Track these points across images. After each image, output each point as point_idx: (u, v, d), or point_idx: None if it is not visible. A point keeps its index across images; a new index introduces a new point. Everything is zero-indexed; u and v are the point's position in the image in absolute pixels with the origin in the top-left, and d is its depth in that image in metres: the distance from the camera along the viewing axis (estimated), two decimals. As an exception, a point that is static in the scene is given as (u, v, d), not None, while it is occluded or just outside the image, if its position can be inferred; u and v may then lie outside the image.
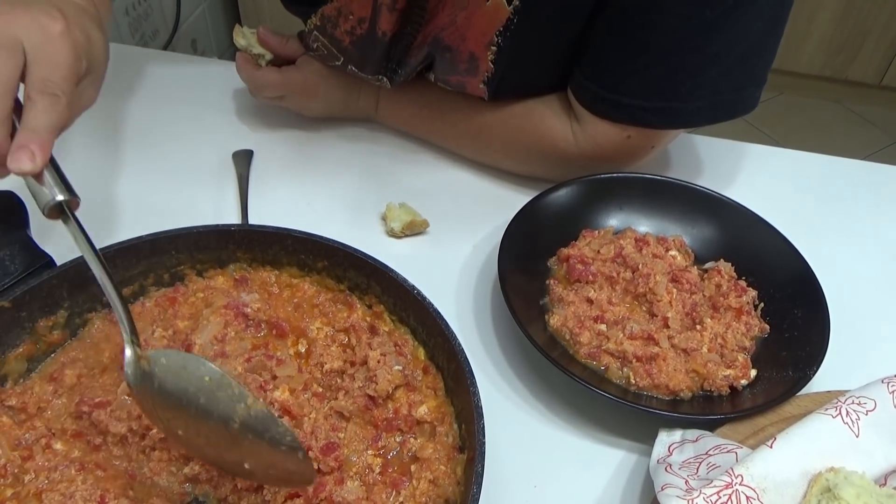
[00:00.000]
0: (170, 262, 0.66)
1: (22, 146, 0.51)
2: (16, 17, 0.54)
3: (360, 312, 0.65)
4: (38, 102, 0.52)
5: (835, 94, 2.73)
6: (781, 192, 0.89)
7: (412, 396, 0.60)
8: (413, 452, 0.57)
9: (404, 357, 0.62)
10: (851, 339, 0.69)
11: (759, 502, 0.50)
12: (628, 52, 0.70)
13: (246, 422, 0.48)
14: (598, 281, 0.72)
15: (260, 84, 0.86)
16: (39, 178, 0.52)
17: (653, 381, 0.64)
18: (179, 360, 0.51)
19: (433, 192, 0.86)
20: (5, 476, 0.55)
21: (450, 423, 0.59)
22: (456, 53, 0.75)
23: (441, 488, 0.55)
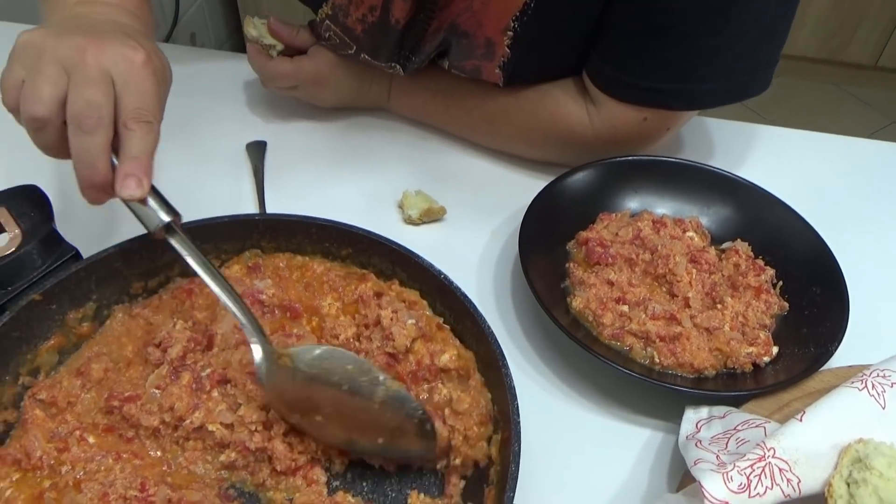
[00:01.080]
0: (195, 253, 0.66)
1: (129, 174, 0.54)
2: (102, 49, 0.55)
3: (369, 283, 0.66)
4: (136, 131, 0.55)
5: (831, 76, 2.74)
6: (793, 172, 0.90)
7: (431, 346, 0.60)
8: (445, 397, 0.58)
9: (416, 311, 0.63)
10: (870, 315, 0.69)
11: (791, 474, 0.51)
12: (646, 35, 0.71)
13: (385, 400, 0.55)
14: (618, 263, 0.73)
15: (272, 74, 0.86)
16: (143, 202, 0.56)
17: (677, 360, 0.65)
18: (321, 353, 0.57)
19: (448, 179, 0.86)
20: (41, 468, 0.55)
21: (480, 382, 0.60)
22: (472, 39, 0.76)
23: (473, 450, 0.56)
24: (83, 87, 0.53)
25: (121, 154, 0.55)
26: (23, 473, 0.55)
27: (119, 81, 0.55)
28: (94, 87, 0.53)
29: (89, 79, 0.54)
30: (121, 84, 0.55)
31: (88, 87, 0.53)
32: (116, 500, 0.53)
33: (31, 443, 0.55)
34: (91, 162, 0.54)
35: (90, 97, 0.53)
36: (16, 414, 0.58)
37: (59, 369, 0.61)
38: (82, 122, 0.53)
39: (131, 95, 0.55)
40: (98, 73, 0.54)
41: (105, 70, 0.55)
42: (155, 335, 0.61)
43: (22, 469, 0.55)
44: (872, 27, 2.54)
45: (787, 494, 0.51)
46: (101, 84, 0.54)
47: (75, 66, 0.54)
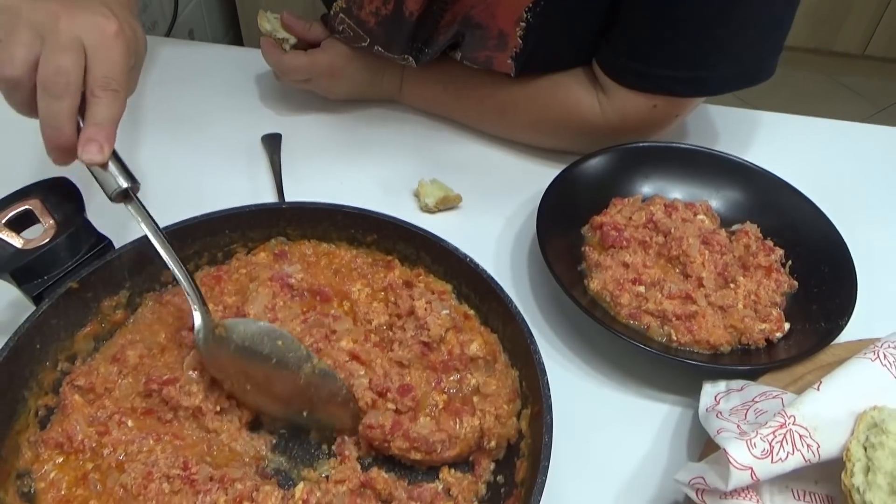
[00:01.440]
0: (223, 241, 0.68)
1: (91, 139, 0.56)
2: (75, 17, 0.57)
3: (397, 272, 0.68)
4: (102, 98, 0.56)
5: (821, 65, 2.78)
6: (797, 156, 0.92)
7: (461, 337, 0.63)
8: (473, 386, 0.60)
9: (447, 302, 0.65)
10: (877, 291, 0.72)
11: (811, 440, 0.53)
12: (657, 24, 0.73)
13: (311, 376, 0.59)
14: (632, 246, 0.75)
15: (287, 68, 0.88)
16: (104, 167, 0.57)
17: (693, 338, 0.67)
18: (253, 327, 0.59)
19: (460, 168, 0.88)
20: (84, 451, 0.57)
21: (506, 364, 0.62)
22: (486, 31, 0.77)
23: (505, 428, 0.58)
24: (54, 52, 0.55)
25: (86, 120, 0.56)
26: (66, 456, 0.56)
27: (90, 49, 0.56)
28: (64, 53, 0.55)
29: (60, 45, 0.55)
30: (91, 52, 0.56)
31: (59, 53, 0.55)
32: (160, 478, 0.54)
33: (73, 427, 0.57)
34: (57, 125, 0.55)
35: (60, 63, 0.54)
36: (56, 399, 0.59)
37: (95, 356, 0.62)
38: (51, 86, 0.54)
39: (100, 64, 0.57)
40: (69, 41, 0.55)
41: (76, 38, 0.56)
42: (187, 320, 0.63)
43: (64, 452, 0.56)
44: (860, 16, 2.58)
45: (807, 459, 0.53)
46: (71, 51, 0.55)
47: (48, 32, 0.55)
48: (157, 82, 0.97)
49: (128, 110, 0.59)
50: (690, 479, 0.55)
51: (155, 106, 0.94)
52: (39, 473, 0.55)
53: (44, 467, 0.56)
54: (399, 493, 0.56)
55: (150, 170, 0.85)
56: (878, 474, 0.50)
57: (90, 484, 0.55)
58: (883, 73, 2.76)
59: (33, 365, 0.58)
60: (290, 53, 0.88)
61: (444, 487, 0.57)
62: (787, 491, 0.57)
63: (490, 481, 0.58)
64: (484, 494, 0.58)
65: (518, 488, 0.55)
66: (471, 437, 0.58)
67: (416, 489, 0.56)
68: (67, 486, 0.55)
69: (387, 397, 0.59)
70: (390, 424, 0.57)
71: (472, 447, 0.58)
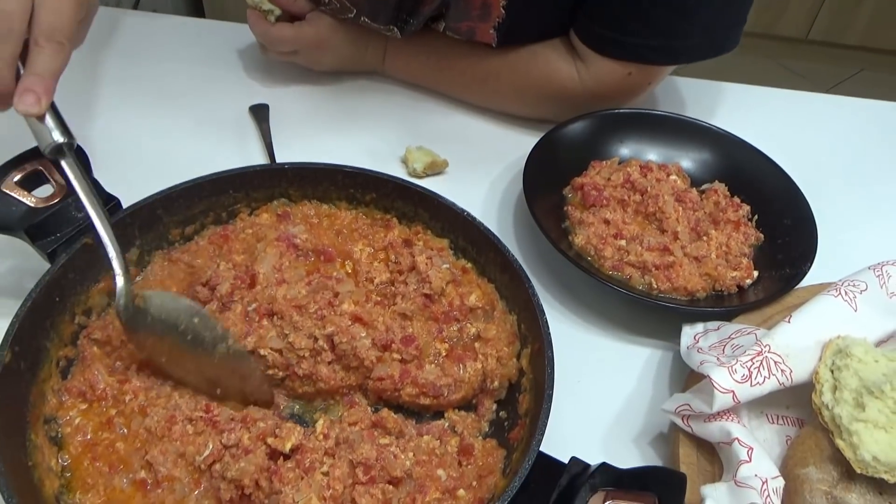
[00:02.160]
0: (227, 201, 0.70)
1: (28, 89, 0.55)
2: None
3: (396, 231, 0.71)
4: (45, 48, 0.55)
5: (765, 49, 2.89)
6: (758, 122, 0.98)
7: (461, 289, 0.67)
8: (473, 334, 0.64)
9: (446, 257, 0.69)
10: (835, 241, 0.78)
11: (784, 366, 0.59)
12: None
13: (224, 359, 0.59)
14: (612, 204, 0.80)
15: (274, 39, 0.90)
16: (41, 120, 0.56)
17: (672, 285, 0.73)
18: (172, 302, 0.60)
19: (445, 136, 0.92)
20: (106, 398, 0.59)
21: (503, 311, 0.66)
22: (470, 1, 0.81)
23: (506, 369, 0.62)
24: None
25: (26, 69, 0.55)
26: (89, 404, 0.59)
27: (37, 0, 0.55)
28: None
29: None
30: (38, 2, 0.55)
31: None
32: (183, 421, 0.57)
33: (95, 376, 0.59)
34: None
35: (3, 6, 0.54)
36: (74, 351, 0.61)
37: (109, 310, 0.64)
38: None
39: (47, 13, 0.55)
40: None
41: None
42: (200, 276, 0.65)
43: (87, 400, 0.59)
44: (802, 2, 2.70)
45: (781, 383, 0.59)
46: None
47: None
48: (137, 56, 0.98)
49: (108, 82, 0.58)
50: (676, 406, 0.61)
51: (140, 77, 0.95)
52: (65, 419, 0.57)
53: (68, 414, 0.58)
54: (409, 430, 0.59)
55: (138, 139, 0.87)
56: (845, 391, 0.56)
57: (115, 427, 0.57)
58: (825, 57, 2.89)
59: (54, 317, 0.59)
60: (276, 25, 0.90)
61: (449, 425, 0.61)
62: (762, 416, 0.63)
63: (492, 419, 0.63)
64: (487, 431, 0.62)
65: (522, 419, 0.59)
66: (474, 380, 0.62)
67: (424, 426, 0.60)
68: (93, 430, 0.57)
69: (391, 349, 0.62)
70: (398, 374, 0.61)
71: (476, 389, 0.62)
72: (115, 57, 0.98)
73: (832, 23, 2.75)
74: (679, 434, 0.61)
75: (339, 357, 0.61)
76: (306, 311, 0.63)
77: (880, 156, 0.99)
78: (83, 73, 0.94)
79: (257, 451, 0.55)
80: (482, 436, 0.61)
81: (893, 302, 0.66)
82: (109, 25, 1.03)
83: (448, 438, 0.59)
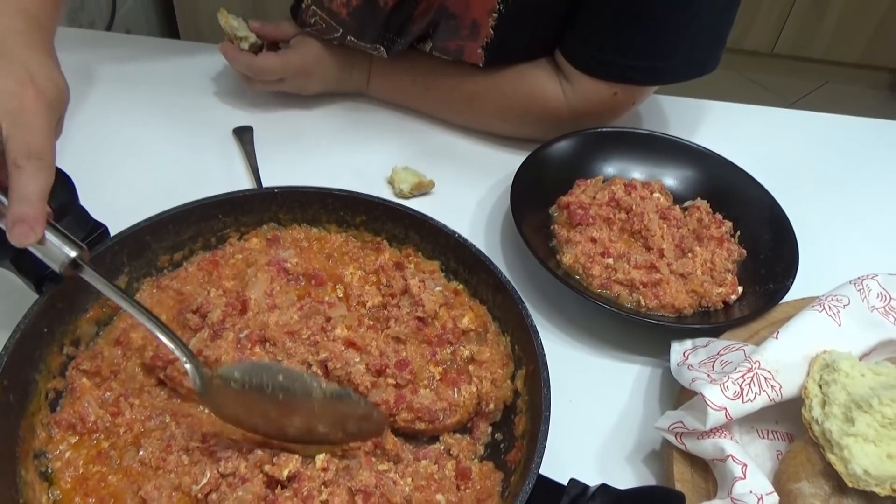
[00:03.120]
0: (216, 226, 0.70)
1: (19, 220, 0.52)
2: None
3: (387, 254, 0.71)
4: (25, 168, 0.52)
5: (732, 62, 2.95)
6: (737, 138, 1.00)
7: (453, 312, 0.67)
8: (467, 357, 0.64)
9: (438, 280, 0.69)
10: (815, 255, 0.80)
11: (774, 381, 0.60)
12: (619, 17, 0.79)
13: (324, 403, 0.56)
14: (598, 223, 0.81)
15: (259, 70, 0.89)
16: (42, 242, 0.54)
17: (660, 302, 0.74)
18: (251, 369, 0.56)
19: (431, 156, 0.92)
20: (97, 431, 0.58)
21: (496, 333, 0.66)
22: (459, 20, 0.82)
23: (501, 391, 0.63)
24: None
25: (10, 195, 0.52)
26: (79, 437, 0.58)
27: (7, 119, 0.53)
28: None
29: None
30: (10, 123, 0.53)
31: None
32: (178, 451, 0.56)
33: (85, 408, 0.58)
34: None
35: None
36: (63, 382, 0.60)
37: (97, 340, 0.63)
38: None
39: (19, 131, 0.53)
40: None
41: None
42: (190, 303, 0.65)
43: (77, 433, 0.58)
44: (768, 16, 2.76)
45: (772, 399, 0.60)
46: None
47: None
48: (120, 79, 0.98)
49: (92, 106, 0.55)
50: (670, 424, 0.62)
51: (120, 101, 0.94)
52: (55, 453, 0.56)
53: (58, 447, 0.57)
54: (406, 455, 0.59)
55: (122, 164, 0.86)
56: (834, 406, 0.58)
57: (107, 460, 0.56)
58: (790, 70, 2.96)
59: (42, 348, 0.59)
60: (261, 56, 0.89)
61: (444, 448, 0.61)
62: (752, 431, 0.64)
63: (488, 441, 0.63)
64: (483, 453, 0.62)
65: (519, 440, 0.60)
66: (470, 403, 0.62)
67: (421, 450, 0.60)
68: (84, 463, 0.56)
69: (386, 374, 0.62)
70: (394, 399, 0.60)
71: (471, 413, 0.63)
72: (93, 80, 0.97)
73: (797, 37, 2.82)
74: (673, 451, 0.62)
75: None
76: (299, 337, 0.63)
77: (855, 170, 1.02)
78: (62, 96, 0.93)
79: (254, 479, 0.54)
80: (478, 458, 0.61)
81: (874, 315, 0.67)
82: (85, 48, 1.02)
83: (445, 462, 0.59)
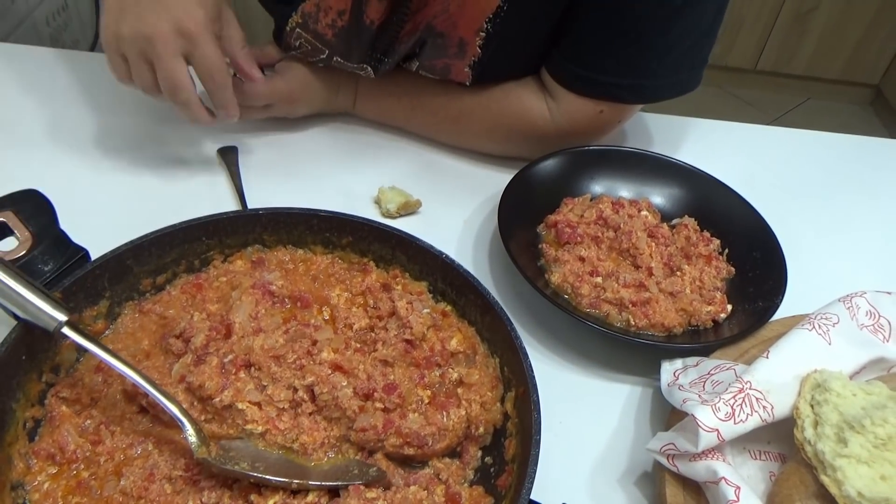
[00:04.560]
0: (200, 249, 0.69)
1: None
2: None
3: (374, 276, 0.70)
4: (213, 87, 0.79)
5: (716, 79, 2.99)
6: (723, 156, 1.01)
7: (441, 334, 0.66)
8: (455, 380, 0.63)
9: (426, 301, 0.68)
10: (803, 273, 0.80)
11: (766, 402, 0.60)
12: (606, 35, 0.79)
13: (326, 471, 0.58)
14: (586, 241, 0.80)
15: (246, 97, 0.87)
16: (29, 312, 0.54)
17: (650, 321, 0.73)
18: (254, 455, 0.58)
19: (417, 175, 0.92)
20: (76, 461, 0.56)
21: (485, 355, 0.66)
22: (446, 39, 0.82)
23: (490, 413, 0.62)
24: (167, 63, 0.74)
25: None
26: (58, 467, 0.56)
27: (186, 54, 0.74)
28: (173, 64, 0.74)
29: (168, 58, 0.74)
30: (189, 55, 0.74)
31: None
32: (161, 479, 0.55)
33: (64, 437, 0.57)
34: None
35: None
36: (42, 410, 0.59)
37: (77, 367, 0.62)
38: None
39: (200, 62, 0.75)
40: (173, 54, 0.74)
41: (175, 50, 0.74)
42: (173, 327, 0.64)
43: (57, 463, 0.56)
44: (750, 34, 2.80)
45: (764, 419, 0.60)
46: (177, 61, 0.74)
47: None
48: (102, 99, 0.97)
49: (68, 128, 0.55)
50: (661, 446, 0.61)
51: (101, 121, 0.93)
52: (33, 485, 0.55)
53: (36, 478, 0.55)
54: (396, 480, 0.58)
55: (103, 186, 0.85)
56: (826, 426, 0.57)
57: (88, 490, 0.55)
58: (772, 86, 3.00)
59: (20, 376, 0.57)
60: (248, 84, 0.87)
61: (434, 472, 0.60)
62: (744, 452, 0.64)
63: (478, 466, 0.62)
64: (473, 478, 0.61)
65: (509, 464, 0.59)
66: (459, 428, 0.61)
67: (411, 475, 0.59)
68: (63, 495, 0.54)
69: (374, 398, 0.60)
70: (382, 424, 0.59)
71: (460, 437, 0.61)
72: (75, 101, 0.96)
73: (779, 54, 2.86)
74: (665, 474, 0.61)
75: (321, 408, 0.60)
76: (285, 361, 0.62)
77: (839, 186, 1.02)
78: (42, 118, 0.92)
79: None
80: (468, 483, 0.60)
81: (863, 334, 0.67)
82: (67, 68, 1.01)
83: (434, 487, 0.58)
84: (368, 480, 0.57)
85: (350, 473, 0.57)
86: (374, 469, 0.58)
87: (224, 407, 0.59)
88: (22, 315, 0.54)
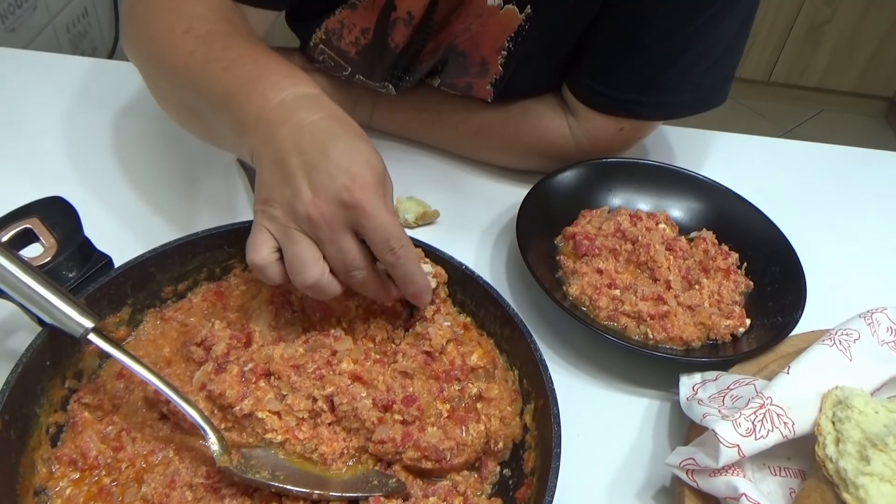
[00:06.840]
0: (221, 257, 0.69)
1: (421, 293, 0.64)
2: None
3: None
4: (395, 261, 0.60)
5: (730, 91, 2.98)
6: (742, 169, 1.01)
7: (462, 348, 0.65)
8: (475, 394, 0.63)
9: (448, 315, 0.68)
10: (823, 287, 0.79)
11: (787, 418, 0.60)
12: (627, 52, 0.79)
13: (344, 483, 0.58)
14: (604, 254, 0.81)
15: None
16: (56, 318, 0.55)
17: (668, 335, 0.73)
18: (265, 454, 0.58)
19: (435, 186, 0.92)
20: (98, 467, 0.57)
21: (504, 369, 0.65)
22: (468, 58, 0.82)
23: (510, 429, 0.61)
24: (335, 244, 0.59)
25: None
26: (80, 473, 0.56)
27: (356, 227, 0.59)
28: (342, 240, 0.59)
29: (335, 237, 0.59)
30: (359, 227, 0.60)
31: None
32: (182, 487, 0.55)
33: (86, 443, 0.57)
34: None
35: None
36: (64, 416, 0.59)
37: (100, 373, 0.62)
38: None
39: (373, 232, 0.58)
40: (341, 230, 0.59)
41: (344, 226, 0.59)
42: (194, 335, 0.64)
43: (79, 469, 0.56)
44: (764, 45, 2.79)
45: (785, 436, 0.59)
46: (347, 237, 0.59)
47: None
48: (124, 107, 0.98)
49: (91, 136, 0.55)
50: (681, 461, 0.61)
51: (124, 129, 0.94)
52: (55, 490, 0.55)
53: (59, 484, 0.55)
54: (415, 491, 0.58)
55: (127, 194, 0.85)
56: (848, 444, 0.57)
57: (110, 497, 0.55)
58: (786, 98, 2.99)
59: (44, 381, 0.57)
60: None
61: (452, 485, 0.60)
62: (764, 468, 0.63)
63: (496, 480, 0.61)
64: (491, 491, 0.61)
65: (528, 477, 0.59)
66: (478, 443, 0.61)
67: (430, 487, 0.59)
68: (85, 501, 0.55)
69: (392, 409, 0.60)
70: (400, 436, 0.59)
71: (479, 452, 0.61)
72: (97, 109, 0.97)
73: (792, 66, 2.85)
74: (684, 489, 0.61)
75: (340, 419, 0.60)
76: (304, 371, 0.62)
77: (857, 201, 1.02)
78: (65, 126, 0.93)
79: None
80: (486, 496, 0.60)
81: (885, 350, 0.67)
82: (89, 76, 1.02)
83: (453, 499, 0.58)
84: (388, 492, 0.57)
85: (369, 484, 0.58)
86: (393, 480, 0.58)
87: (244, 416, 0.59)
88: (48, 321, 0.55)
